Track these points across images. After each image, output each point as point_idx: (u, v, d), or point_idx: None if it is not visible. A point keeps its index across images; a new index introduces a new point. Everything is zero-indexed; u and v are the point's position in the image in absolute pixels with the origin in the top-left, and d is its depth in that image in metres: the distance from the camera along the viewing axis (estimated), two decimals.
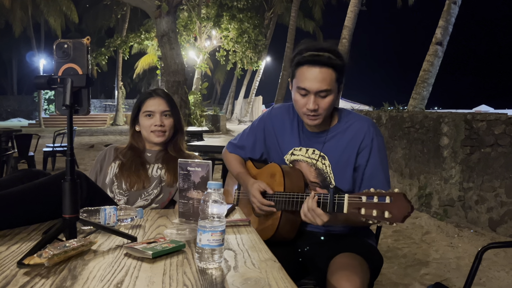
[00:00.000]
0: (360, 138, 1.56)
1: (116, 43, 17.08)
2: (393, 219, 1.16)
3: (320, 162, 1.60)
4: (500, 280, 2.96)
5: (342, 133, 1.59)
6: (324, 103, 1.50)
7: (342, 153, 1.57)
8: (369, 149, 1.55)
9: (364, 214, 1.21)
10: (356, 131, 1.57)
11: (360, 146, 1.56)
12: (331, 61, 1.46)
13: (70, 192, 1.09)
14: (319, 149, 1.61)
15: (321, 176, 1.61)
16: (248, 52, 18.12)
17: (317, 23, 26.94)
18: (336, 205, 1.31)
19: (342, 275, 1.36)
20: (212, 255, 0.98)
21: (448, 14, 8.37)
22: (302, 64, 1.49)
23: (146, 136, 1.91)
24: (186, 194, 1.38)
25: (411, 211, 1.16)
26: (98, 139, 15.71)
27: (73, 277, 0.90)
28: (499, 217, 3.93)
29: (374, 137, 1.56)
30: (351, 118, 1.62)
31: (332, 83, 1.48)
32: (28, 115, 33.69)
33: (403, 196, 1.17)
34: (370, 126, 1.58)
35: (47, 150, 7.27)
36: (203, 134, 8.80)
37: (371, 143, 1.55)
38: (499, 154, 3.95)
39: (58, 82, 1.09)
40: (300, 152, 1.65)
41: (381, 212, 1.18)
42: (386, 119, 5.72)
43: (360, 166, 1.56)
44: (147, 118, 1.88)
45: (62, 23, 25.34)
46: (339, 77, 1.49)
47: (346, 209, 1.27)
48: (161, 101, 1.90)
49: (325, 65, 1.46)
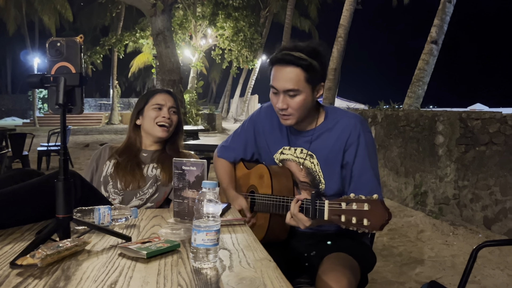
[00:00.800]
0: (346, 135, 1.54)
1: (111, 42, 17.00)
2: (371, 227, 1.15)
3: (308, 161, 1.60)
4: (494, 278, 2.97)
5: (329, 131, 1.58)
6: (293, 103, 1.49)
7: (330, 151, 1.56)
8: (356, 146, 1.53)
9: (344, 221, 1.20)
10: (343, 128, 1.55)
11: (346, 143, 1.54)
12: (298, 61, 1.45)
13: (63, 191, 1.08)
14: (306, 148, 1.60)
15: (311, 175, 1.60)
16: (244, 50, 18.10)
17: (313, 21, 26.97)
18: (318, 211, 1.30)
19: (331, 276, 1.36)
20: (207, 255, 0.98)
21: (443, 13, 8.40)
22: (273, 63, 1.51)
23: (149, 129, 1.90)
24: (181, 194, 1.38)
25: (388, 218, 1.13)
26: (93, 138, 15.65)
27: (67, 278, 0.89)
28: (494, 215, 3.96)
29: (361, 133, 1.54)
30: (338, 116, 1.60)
31: (300, 83, 1.46)
32: (22, 114, 33.51)
33: (380, 203, 1.14)
34: (357, 122, 1.56)
35: (42, 149, 7.24)
36: (198, 133, 8.80)
37: (358, 140, 1.53)
38: (494, 153, 3.97)
39: (51, 80, 1.08)
40: (289, 151, 1.65)
41: (360, 220, 1.16)
42: (381, 117, 5.74)
43: (348, 164, 1.55)
44: (156, 110, 1.90)
45: (56, 22, 25.20)
46: (310, 77, 1.46)
47: (327, 215, 1.26)
48: (169, 97, 1.95)
49: (292, 64, 1.46)
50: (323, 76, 1.52)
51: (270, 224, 1.57)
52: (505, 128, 3.88)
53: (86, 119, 25.72)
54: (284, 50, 1.49)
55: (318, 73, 1.48)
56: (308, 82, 1.47)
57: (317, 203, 1.30)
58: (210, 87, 45.78)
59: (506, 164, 3.86)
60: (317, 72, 1.48)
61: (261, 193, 1.62)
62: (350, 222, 1.18)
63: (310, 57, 1.46)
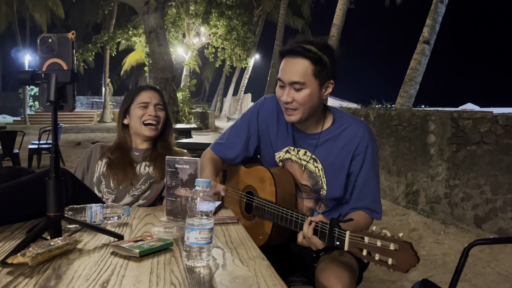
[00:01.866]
0: (355, 144, 1.50)
1: (103, 39, 16.88)
2: (397, 268, 1.08)
3: (311, 165, 1.56)
4: (485, 276, 3.00)
5: (336, 137, 1.53)
6: (298, 96, 1.43)
7: (336, 158, 1.52)
8: (363, 156, 1.50)
9: (366, 255, 1.14)
10: (351, 136, 1.51)
11: (354, 152, 1.50)
12: (307, 53, 1.40)
13: (54, 189, 1.07)
14: (311, 151, 1.56)
15: (313, 179, 1.56)
16: (237, 49, 18.08)
17: (306, 21, 26.99)
18: (336, 239, 1.22)
19: (331, 272, 1.35)
20: (200, 253, 0.97)
21: (435, 13, 8.45)
22: (282, 55, 1.47)
23: (136, 128, 1.88)
24: (174, 192, 1.37)
25: (417, 263, 1.07)
26: (85, 136, 15.53)
27: (58, 277, 0.88)
28: (484, 214, 3.99)
29: (369, 144, 1.51)
30: (346, 121, 1.55)
31: (307, 76, 1.41)
32: (13, 112, 33.15)
33: (409, 247, 1.07)
34: (365, 132, 1.52)
35: (32, 147, 7.17)
36: (191, 131, 8.77)
37: (366, 150, 1.50)
38: (485, 152, 4.01)
39: (42, 77, 1.07)
40: (293, 152, 1.60)
41: (384, 258, 1.10)
42: (374, 116, 5.76)
43: (353, 173, 1.52)
44: (141, 109, 1.87)
45: (47, 19, 24.95)
46: (318, 71, 1.41)
47: (347, 247, 1.18)
48: (155, 94, 1.92)
49: (301, 56, 1.41)
50: (333, 74, 1.46)
51: (272, 233, 1.53)
52: (496, 127, 3.92)
53: (77, 117, 25.52)
54: (295, 42, 1.44)
55: (327, 68, 1.43)
56: (315, 77, 1.42)
57: (335, 230, 1.22)
58: (203, 85, 45.66)
59: (497, 163, 3.89)
60: (326, 68, 1.42)
61: (263, 198, 1.55)
62: (373, 258, 1.12)
63: (320, 51, 1.41)
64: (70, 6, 26.98)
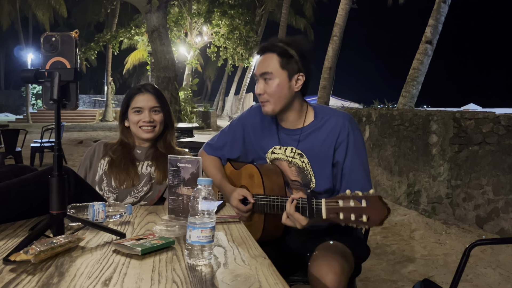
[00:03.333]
0: (336, 134, 1.55)
1: (105, 38, 16.87)
2: (371, 223, 1.15)
3: (298, 160, 1.60)
4: (486, 277, 3.00)
5: (318, 129, 1.59)
6: (268, 87, 1.54)
7: (320, 149, 1.57)
8: (345, 144, 1.55)
9: (342, 218, 1.20)
10: (332, 127, 1.57)
11: (336, 142, 1.55)
12: (273, 47, 1.54)
13: (57, 188, 1.07)
14: (295, 147, 1.61)
15: (302, 174, 1.61)
16: (239, 48, 18.06)
17: (308, 20, 26.99)
18: (315, 210, 1.30)
19: (323, 261, 1.37)
20: (202, 252, 0.98)
21: (438, 13, 8.43)
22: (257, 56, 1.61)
23: (135, 132, 1.89)
24: (176, 191, 1.37)
25: (387, 213, 1.14)
26: (87, 134, 15.56)
27: (60, 274, 0.89)
28: (486, 215, 3.99)
29: (350, 132, 1.55)
30: (327, 114, 1.61)
31: (274, 67, 1.52)
32: (15, 110, 33.23)
33: (378, 199, 1.15)
34: (346, 120, 1.57)
35: (35, 145, 7.18)
36: (193, 130, 8.78)
37: (347, 138, 1.55)
38: (487, 152, 4.00)
39: (45, 76, 1.07)
40: (279, 150, 1.66)
41: (359, 216, 1.16)
42: (376, 116, 5.75)
43: (338, 162, 1.56)
44: (136, 114, 1.86)
45: (50, 17, 25.01)
46: (284, 63, 1.52)
47: (325, 214, 1.26)
48: (150, 97, 1.88)
49: (268, 51, 1.55)
50: (303, 67, 1.55)
51: (265, 224, 1.56)
52: (498, 128, 3.91)
53: (80, 116, 25.56)
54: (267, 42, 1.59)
55: (294, 60, 1.53)
56: (282, 68, 1.53)
57: (313, 201, 1.30)
58: (205, 84, 45.66)
59: (499, 164, 3.89)
60: (294, 60, 1.53)
61: (253, 193, 1.60)
62: (349, 219, 1.18)
63: (286, 45, 1.54)
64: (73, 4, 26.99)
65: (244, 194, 1.59)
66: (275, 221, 1.56)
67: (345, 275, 1.35)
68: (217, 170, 1.79)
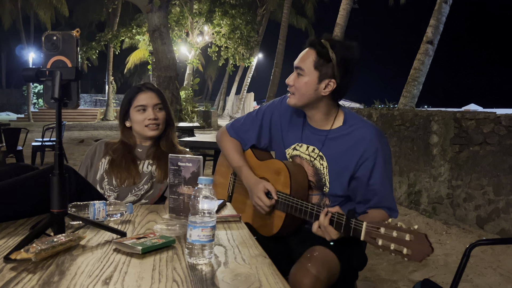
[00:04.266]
0: (362, 147, 1.50)
1: (107, 37, 16.89)
2: (412, 258, 1.12)
3: (318, 162, 1.58)
4: (487, 277, 3.00)
5: (344, 136, 1.55)
6: (297, 82, 1.53)
7: (341, 157, 1.53)
8: (372, 161, 1.49)
9: (381, 245, 1.18)
10: (358, 138, 1.52)
11: (362, 156, 1.50)
12: (316, 44, 1.49)
13: (58, 186, 1.08)
14: (318, 148, 1.58)
15: (317, 176, 1.58)
16: (240, 48, 18.07)
17: (309, 20, 26.97)
18: (352, 229, 1.28)
19: (301, 266, 1.38)
20: (202, 251, 0.98)
21: (439, 13, 8.42)
22: None
23: (139, 130, 1.88)
24: (177, 190, 1.38)
25: (430, 253, 1.12)
26: (88, 134, 15.57)
27: (61, 273, 0.89)
28: (487, 215, 3.98)
29: (379, 148, 1.50)
30: (356, 123, 1.56)
31: (308, 64, 1.50)
32: (16, 109, 33.25)
33: (424, 237, 1.12)
34: (374, 135, 1.51)
35: (36, 144, 7.19)
36: (194, 130, 8.79)
37: (375, 154, 1.49)
38: (488, 153, 4.00)
39: (46, 74, 1.07)
40: (301, 148, 1.63)
41: (399, 247, 1.14)
42: (376, 116, 5.75)
43: (362, 177, 1.51)
44: (140, 112, 1.86)
45: (52, 16, 25.01)
46: (319, 63, 1.48)
47: (363, 236, 1.24)
48: (152, 95, 1.88)
49: (312, 47, 1.52)
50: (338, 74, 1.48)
51: (284, 223, 1.55)
52: (499, 128, 3.91)
53: (81, 115, 25.58)
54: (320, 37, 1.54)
55: (331, 65, 1.48)
56: (315, 68, 1.50)
57: (352, 221, 1.28)
58: (206, 84, 45.68)
59: (500, 164, 3.88)
60: (330, 64, 1.48)
61: (278, 190, 1.57)
62: (388, 248, 1.16)
63: (331, 47, 1.47)
64: (74, 4, 27.03)
65: (269, 189, 1.56)
66: (294, 222, 1.56)
67: (321, 282, 1.34)
68: (239, 155, 1.74)
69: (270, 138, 1.74)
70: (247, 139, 1.77)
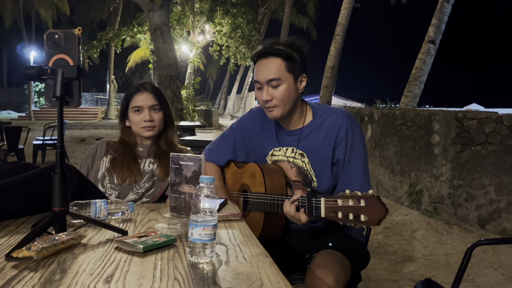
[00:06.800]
0: (335, 132, 1.55)
1: (108, 36, 16.89)
2: (369, 222, 1.17)
3: (299, 160, 1.60)
4: (488, 277, 2.99)
5: (317, 129, 1.58)
6: (277, 93, 1.52)
7: (320, 149, 1.57)
8: (345, 142, 1.54)
9: (341, 217, 1.22)
10: (331, 125, 1.56)
11: (336, 140, 1.55)
12: (277, 51, 1.50)
13: (60, 185, 1.08)
14: (296, 147, 1.61)
15: (302, 174, 1.61)
16: (242, 47, 18.04)
17: (311, 19, 26.97)
18: (314, 208, 1.31)
19: (319, 272, 1.37)
20: (204, 250, 0.98)
21: (441, 13, 8.41)
22: (255, 60, 1.56)
23: (136, 131, 1.90)
24: (178, 189, 1.38)
25: (385, 213, 1.15)
26: (89, 132, 15.59)
27: (62, 271, 0.89)
28: (488, 215, 3.98)
29: (349, 129, 1.55)
30: (325, 113, 1.60)
31: (281, 72, 1.50)
32: (18, 107, 33.30)
33: (377, 199, 1.16)
34: (344, 118, 1.56)
35: (37, 143, 7.20)
36: (195, 129, 8.78)
37: (346, 136, 1.54)
38: (489, 153, 3.99)
39: (48, 73, 1.07)
40: (279, 152, 1.65)
41: (357, 215, 1.18)
42: (378, 116, 5.75)
43: (339, 161, 1.55)
44: (136, 113, 1.87)
45: (53, 15, 25.06)
46: (290, 66, 1.51)
47: (324, 212, 1.28)
48: (149, 96, 1.88)
49: (272, 55, 1.51)
50: (304, 68, 1.55)
51: (265, 223, 1.57)
52: (500, 128, 3.90)
53: (82, 114, 25.62)
54: (264, 45, 1.55)
55: (298, 63, 1.52)
56: (289, 71, 1.51)
57: (313, 200, 1.32)
58: (207, 83, 45.67)
59: (501, 164, 3.88)
60: (297, 62, 1.52)
61: (254, 192, 1.61)
62: (347, 218, 1.20)
63: (288, 48, 1.51)
64: (76, 2, 27.05)
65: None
66: (275, 220, 1.57)
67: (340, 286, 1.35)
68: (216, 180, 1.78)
69: (247, 151, 1.78)
70: (219, 159, 1.83)
